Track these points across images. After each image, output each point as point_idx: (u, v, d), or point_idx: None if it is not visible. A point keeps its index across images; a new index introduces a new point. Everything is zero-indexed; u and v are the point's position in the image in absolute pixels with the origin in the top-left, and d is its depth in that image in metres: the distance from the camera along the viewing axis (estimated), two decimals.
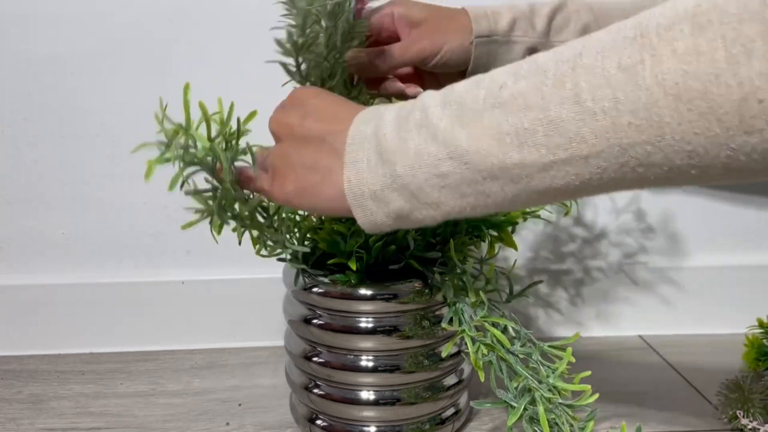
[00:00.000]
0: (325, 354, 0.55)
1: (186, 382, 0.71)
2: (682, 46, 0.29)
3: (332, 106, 0.43)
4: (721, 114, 0.28)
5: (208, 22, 0.74)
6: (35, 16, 0.72)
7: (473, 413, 0.62)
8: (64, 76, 0.74)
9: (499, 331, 0.48)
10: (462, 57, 0.56)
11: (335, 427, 0.55)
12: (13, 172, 0.76)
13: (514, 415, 0.46)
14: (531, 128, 0.34)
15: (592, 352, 0.77)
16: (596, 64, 0.32)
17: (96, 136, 0.75)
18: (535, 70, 0.34)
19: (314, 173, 0.41)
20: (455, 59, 0.56)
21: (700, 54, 0.28)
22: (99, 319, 0.78)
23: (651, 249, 0.83)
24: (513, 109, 0.34)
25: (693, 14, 0.29)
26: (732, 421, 0.60)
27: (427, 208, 0.39)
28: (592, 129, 0.32)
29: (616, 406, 0.64)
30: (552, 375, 0.47)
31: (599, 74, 0.31)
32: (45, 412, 0.64)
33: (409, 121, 0.38)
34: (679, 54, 0.29)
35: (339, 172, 0.40)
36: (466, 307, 0.50)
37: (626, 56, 0.31)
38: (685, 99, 0.29)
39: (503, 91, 0.35)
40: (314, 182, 0.41)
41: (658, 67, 0.30)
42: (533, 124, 0.33)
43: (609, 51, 0.31)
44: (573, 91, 0.32)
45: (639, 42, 0.30)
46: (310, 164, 0.41)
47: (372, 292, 0.52)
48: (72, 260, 0.78)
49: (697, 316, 0.83)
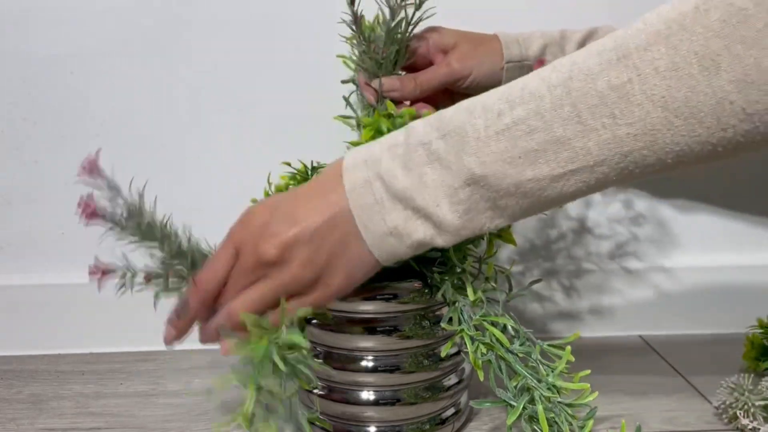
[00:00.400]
0: (325, 354, 0.55)
1: (186, 382, 0.70)
2: (662, 64, 0.34)
3: (305, 192, 0.43)
4: (702, 117, 0.34)
5: (208, 22, 0.74)
6: (35, 16, 0.72)
7: (473, 413, 0.62)
8: (64, 76, 0.74)
9: (498, 330, 0.48)
10: (493, 81, 0.59)
11: (335, 427, 0.55)
12: (13, 172, 0.76)
13: (513, 414, 0.46)
14: (540, 148, 0.38)
15: (591, 352, 0.77)
16: (588, 86, 0.36)
17: (96, 136, 0.75)
18: (529, 96, 0.38)
19: (348, 251, 0.42)
20: (486, 82, 0.59)
21: (678, 70, 0.34)
22: (99, 319, 0.78)
23: (651, 249, 0.83)
24: (518, 134, 0.38)
25: (666, 36, 0.34)
26: (732, 421, 0.60)
27: (449, 234, 0.41)
28: (596, 142, 0.36)
29: (616, 406, 0.64)
30: (551, 374, 0.47)
31: (594, 95, 0.36)
32: (45, 412, 0.64)
33: (413, 159, 0.40)
34: (661, 71, 0.34)
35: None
36: (465, 306, 0.50)
37: (614, 77, 0.36)
38: (671, 108, 0.35)
39: (503, 118, 0.38)
40: (352, 257, 0.42)
41: (645, 84, 0.35)
42: (541, 144, 0.38)
43: (597, 74, 0.36)
44: (572, 112, 0.36)
45: (623, 63, 0.35)
46: (340, 248, 0.42)
47: (372, 292, 0.52)
48: (72, 260, 0.78)
49: (697, 315, 0.83)
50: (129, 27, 0.73)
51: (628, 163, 0.37)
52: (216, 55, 0.74)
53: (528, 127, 0.38)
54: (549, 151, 0.37)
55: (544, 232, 0.82)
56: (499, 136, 0.38)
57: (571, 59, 0.38)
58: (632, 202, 0.82)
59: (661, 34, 0.34)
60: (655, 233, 0.83)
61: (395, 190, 0.40)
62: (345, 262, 0.42)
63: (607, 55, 0.36)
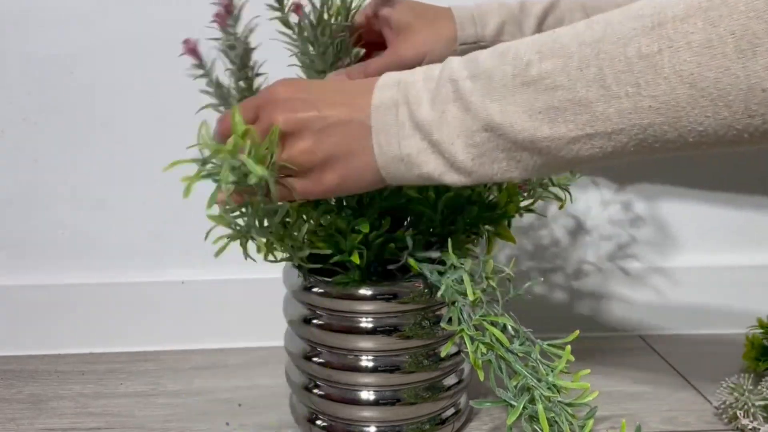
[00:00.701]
0: (325, 354, 0.55)
1: (186, 382, 0.71)
2: (696, 39, 0.33)
3: (334, 87, 0.44)
4: (730, 100, 0.33)
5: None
6: (35, 16, 0.72)
7: (473, 413, 0.62)
8: (64, 76, 0.74)
9: (498, 330, 0.48)
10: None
11: (335, 427, 0.55)
12: (13, 172, 0.76)
13: (514, 413, 0.46)
14: (561, 107, 0.37)
15: (591, 352, 0.77)
16: (618, 50, 0.35)
17: (96, 136, 0.75)
18: (559, 50, 0.37)
19: (352, 158, 0.42)
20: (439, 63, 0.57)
21: (712, 47, 0.32)
22: (99, 319, 0.78)
23: (651, 249, 0.83)
24: (542, 87, 0.37)
25: (705, 8, 0.33)
26: (732, 421, 0.60)
27: (458, 173, 0.41)
28: (617, 110, 0.36)
29: (616, 406, 0.64)
30: (551, 373, 0.47)
31: (622, 60, 0.35)
32: (45, 412, 0.64)
33: (441, 94, 0.40)
34: (694, 47, 0.33)
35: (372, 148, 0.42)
36: (465, 306, 0.50)
37: (645, 45, 0.34)
38: (699, 87, 0.33)
39: (530, 69, 0.38)
40: (355, 167, 0.42)
41: (675, 58, 0.33)
42: (562, 103, 0.37)
43: (629, 39, 0.35)
44: (598, 75, 0.36)
45: (657, 32, 0.34)
46: (345, 151, 0.42)
47: (372, 292, 0.52)
48: (72, 260, 0.78)
49: (697, 316, 0.83)
50: (130, 27, 0.73)
51: (647, 136, 0.36)
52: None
53: (552, 82, 0.37)
54: (569, 111, 0.37)
55: (544, 231, 0.82)
56: (525, 87, 0.38)
57: (607, 19, 0.37)
58: (632, 203, 0.82)
59: (702, 6, 0.33)
60: (656, 234, 0.83)
61: (417, 119, 0.41)
62: (344, 167, 0.42)
63: (643, 21, 0.35)
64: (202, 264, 0.78)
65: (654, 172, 0.81)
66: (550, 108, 0.37)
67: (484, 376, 0.49)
